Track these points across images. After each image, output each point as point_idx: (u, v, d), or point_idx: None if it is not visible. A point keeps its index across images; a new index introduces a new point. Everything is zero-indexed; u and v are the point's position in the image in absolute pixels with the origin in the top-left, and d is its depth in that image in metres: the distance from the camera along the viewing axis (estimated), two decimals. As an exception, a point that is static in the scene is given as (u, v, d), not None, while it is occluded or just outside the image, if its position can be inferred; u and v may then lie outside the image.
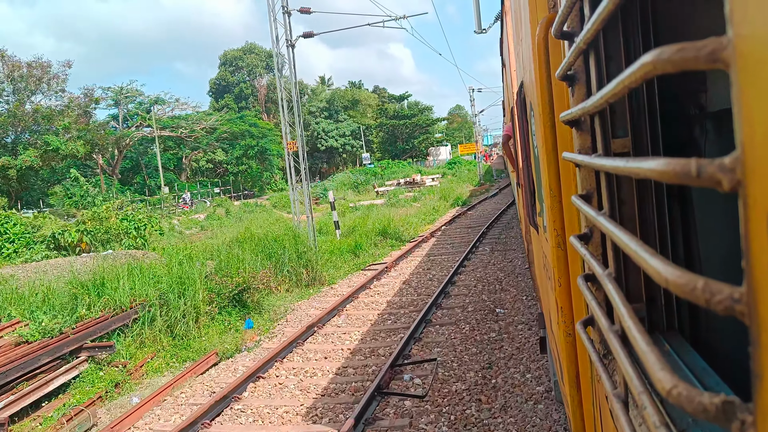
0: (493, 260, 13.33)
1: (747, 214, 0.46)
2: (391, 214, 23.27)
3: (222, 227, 30.67)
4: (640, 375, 0.84)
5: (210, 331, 9.43)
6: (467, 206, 27.41)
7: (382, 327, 8.97)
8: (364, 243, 16.41)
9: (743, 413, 0.47)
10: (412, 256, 15.24)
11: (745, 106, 0.46)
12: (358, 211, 27.20)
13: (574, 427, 2.11)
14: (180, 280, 9.76)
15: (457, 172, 52.56)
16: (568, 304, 2.05)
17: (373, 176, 50.96)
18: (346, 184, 47.96)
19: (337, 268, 14.17)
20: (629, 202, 1.28)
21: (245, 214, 35.95)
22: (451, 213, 25.57)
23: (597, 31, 0.96)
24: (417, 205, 28.87)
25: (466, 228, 19.49)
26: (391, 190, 39.17)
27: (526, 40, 2.83)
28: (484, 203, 28.53)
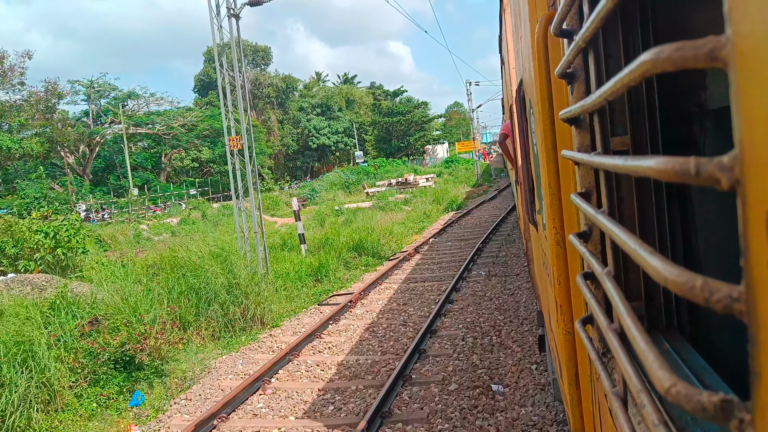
0: (489, 292, 10.21)
1: (745, 212, 0.46)
2: (375, 221, 20.87)
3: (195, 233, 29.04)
4: (639, 373, 0.84)
5: (72, 417, 6.29)
6: (462, 211, 24.46)
7: (316, 422, 5.81)
8: (332, 263, 13.09)
9: (742, 412, 0.47)
10: (387, 283, 11.99)
11: (743, 105, 0.46)
12: (342, 216, 24.74)
13: (573, 425, 2.11)
14: (23, 343, 6.49)
15: (454, 171, 50.18)
16: (567, 302, 2.05)
17: (366, 175, 48.86)
18: (336, 184, 45.72)
19: (290, 300, 10.90)
20: (628, 201, 1.28)
21: (223, 217, 33.91)
22: (444, 219, 22.48)
23: (596, 29, 0.96)
24: (407, 208, 26.54)
25: (459, 241, 16.46)
26: (382, 191, 37.03)
27: (525, 38, 2.82)
28: (481, 208, 25.39)
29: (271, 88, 66.99)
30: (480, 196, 31.67)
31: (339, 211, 27.44)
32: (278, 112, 68.28)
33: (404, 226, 20.00)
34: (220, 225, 31.14)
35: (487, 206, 25.81)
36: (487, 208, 24.72)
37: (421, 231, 20.02)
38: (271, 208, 38.33)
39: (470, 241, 15.89)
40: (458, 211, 25.09)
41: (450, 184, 38.82)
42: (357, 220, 21.54)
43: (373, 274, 12.86)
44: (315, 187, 44.97)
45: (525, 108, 3.51)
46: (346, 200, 36.24)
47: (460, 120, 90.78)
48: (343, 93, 74.68)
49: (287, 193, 45.91)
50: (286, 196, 43.22)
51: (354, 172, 50.86)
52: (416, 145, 70.69)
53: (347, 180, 46.40)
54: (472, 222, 20.77)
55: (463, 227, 19.59)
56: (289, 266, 12.74)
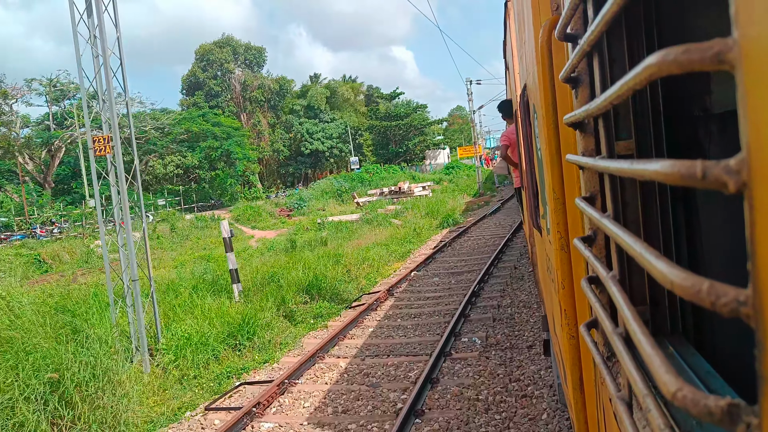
0: (485, 389, 6.06)
1: (753, 216, 0.46)
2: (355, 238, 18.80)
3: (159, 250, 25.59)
4: (645, 378, 0.84)
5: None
6: (459, 228, 20.57)
7: None
8: (268, 315, 9.07)
9: (749, 416, 0.47)
10: (333, 356, 7.85)
11: (750, 108, 0.46)
12: (323, 231, 22.55)
13: (577, 429, 2.10)
14: None
15: (455, 178, 46.77)
16: (572, 307, 2.05)
17: (360, 183, 45.88)
18: (328, 193, 42.48)
19: (166, 399, 6.68)
20: (633, 205, 1.27)
21: (195, 230, 31.12)
22: (436, 240, 18.72)
23: (601, 33, 0.96)
24: (397, 222, 23.30)
25: (449, 276, 12.22)
26: (373, 201, 34.21)
27: (529, 43, 2.83)
28: (481, 225, 21.33)
29: (260, 90, 63.25)
30: (481, 208, 28.40)
31: (321, 225, 25.20)
32: (270, 116, 64.91)
33: (386, 248, 16.58)
34: (188, 240, 28.66)
35: (488, 222, 21.96)
36: (489, 225, 20.78)
37: (405, 257, 16.00)
38: (252, 219, 36.10)
39: (464, 278, 11.81)
40: (454, 227, 21.50)
41: (448, 194, 35.73)
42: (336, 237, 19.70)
43: (320, 336, 8.85)
44: (303, 196, 41.94)
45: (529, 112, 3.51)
46: (336, 210, 34.09)
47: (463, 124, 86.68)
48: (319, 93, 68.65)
49: (272, 203, 43.08)
50: (270, 206, 40.70)
51: (348, 179, 47.83)
52: (415, 151, 67.20)
53: (339, 188, 43.44)
54: (468, 245, 16.51)
55: (458, 253, 15.40)
56: (199, 324, 8.25)
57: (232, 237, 10.58)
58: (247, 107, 63.87)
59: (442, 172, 52.96)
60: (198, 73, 63.69)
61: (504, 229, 18.81)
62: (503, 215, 23.78)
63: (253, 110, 63.68)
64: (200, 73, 63.63)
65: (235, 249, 23.56)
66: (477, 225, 21.23)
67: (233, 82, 64.34)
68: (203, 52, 64.37)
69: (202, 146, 47.36)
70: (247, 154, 49.68)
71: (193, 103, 60.71)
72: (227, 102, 63.20)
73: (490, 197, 33.75)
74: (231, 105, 63.00)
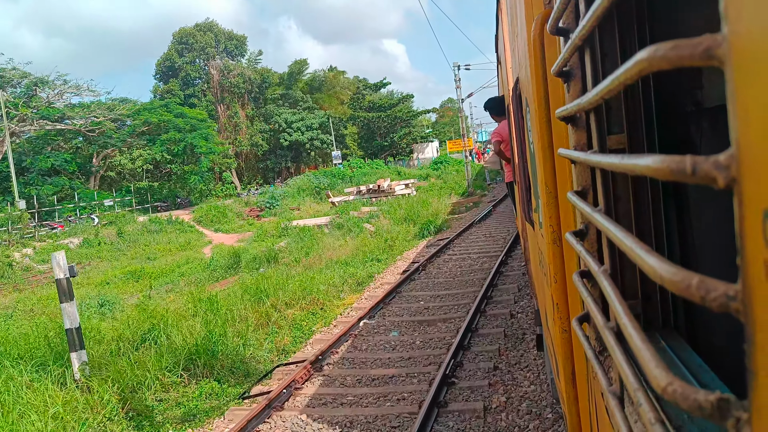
0: None
1: (742, 211, 0.46)
2: (302, 262, 14.92)
3: (96, 259, 23.20)
4: (636, 372, 0.84)
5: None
6: (441, 239, 16.52)
7: None
8: (108, 415, 5.82)
9: (739, 410, 0.47)
10: None
11: (740, 103, 0.46)
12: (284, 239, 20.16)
13: (570, 423, 2.11)
14: None
15: (443, 173, 42.53)
16: (564, 301, 2.05)
17: (341, 179, 42.15)
18: (305, 190, 38.62)
19: None
20: (625, 199, 1.28)
21: (148, 235, 27.89)
22: (408, 258, 14.45)
23: (592, 28, 0.96)
24: (370, 228, 20.15)
25: (413, 329, 8.27)
26: (350, 200, 31.05)
27: (521, 36, 2.82)
28: (468, 235, 16.81)
29: (240, 79, 58.29)
30: (469, 212, 24.07)
31: (285, 230, 22.71)
32: (250, 108, 60.25)
33: (344, 269, 12.94)
34: (136, 246, 25.77)
35: (477, 232, 17.26)
36: (477, 237, 16.28)
37: (363, 285, 11.62)
38: (216, 220, 33.03)
39: (435, 334, 7.87)
40: (435, 237, 17.86)
41: (434, 192, 31.54)
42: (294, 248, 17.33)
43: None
44: (275, 194, 38.15)
45: (521, 106, 3.51)
46: (312, 210, 31.39)
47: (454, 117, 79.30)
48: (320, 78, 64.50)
49: (243, 201, 39.45)
50: (239, 205, 37.60)
51: (327, 174, 44.01)
52: (401, 144, 61.61)
53: (318, 184, 39.46)
54: (449, 269, 11.95)
55: (432, 284, 10.79)
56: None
57: (72, 277, 6.48)
58: (225, 98, 59.33)
59: (430, 167, 48.65)
60: (174, 58, 58.36)
61: (496, 243, 14.46)
62: (495, 222, 19.19)
63: (232, 101, 59.28)
64: (177, 58, 58.38)
65: (178, 260, 22.64)
66: (463, 236, 16.76)
67: (211, 70, 59.66)
68: (182, 36, 59.21)
69: (163, 139, 42.22)
70: (212, 147, 44.74)
71: (167, 91, 56.05)
72: (204, 91, 58.92)
73: (480, 197, 29.72)
74: (208, 95, 58.70)
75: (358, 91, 63.33)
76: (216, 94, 59.05)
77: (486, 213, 21.47)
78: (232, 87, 58.44)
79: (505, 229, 16.80)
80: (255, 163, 60.79)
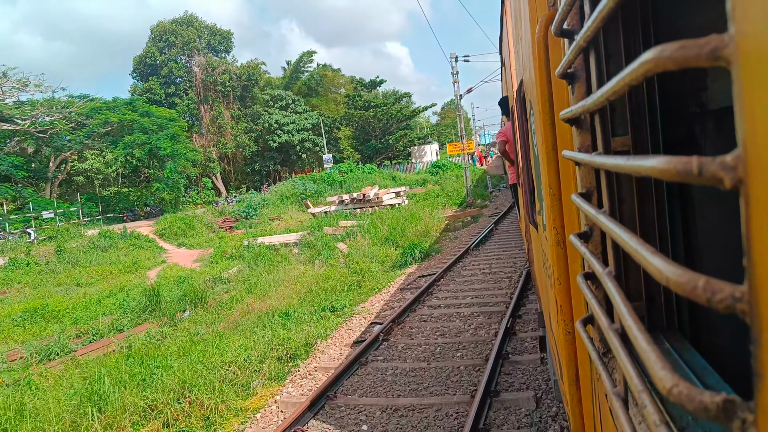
0: None
1: (748, 212, 0.46)
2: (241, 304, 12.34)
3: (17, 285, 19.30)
4: (640, 373, 0.84)
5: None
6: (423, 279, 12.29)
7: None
8: None
9: (744, 412, 0.47)
10: None
11: (746, 104, 0.46)
12: (236, 264, 17.81)
13: (573, 425, 2.11)
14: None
15: (442, 179, 38.83)
16: (568, 303, 2.05)
17: (329, 185, 38.52)
18: (288, 197, 35.07)
19: None
20: (629, 201, 1.27)
21: (94, 252, 23.78)
22: (375, 305, 10.62)
23: (597, 29, 0.95)
24: (343, 248, 17.30)
25: None
26: (331, 211, 27.69)
27: (525, 39, 2.82)
28: (461, 268, 12.74)
29: (226, 76, 54.25)
30: (467, 228, 19.90)
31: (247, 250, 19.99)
32: (236, 107, 56.25)
33: (275, 332, 8.81)
34: (75, 266, 21.68)
35: (473, 263, 13.12)
36: (474, 271, 12.18)
37: (289, 368, 7.53)
38: (181, 233, 29.03)
39: None
40: (420, 265, 14.36)
41: (428, 202, 27.89)
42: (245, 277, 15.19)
43: None
44: (253, 203, 34.04)
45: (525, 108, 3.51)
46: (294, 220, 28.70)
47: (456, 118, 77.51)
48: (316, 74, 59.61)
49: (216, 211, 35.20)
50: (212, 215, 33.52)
51: (315, 180, 40.24)
52: (397, 146, 56.63)
53: (304, 191, 35.81)
54: (423, 340, 7.87)
55: (393, 373, 6.80)
56: None
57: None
58: (209, 97, 54.96)
59: (428, 171, 45.10)
60: (155, 55, 54.01)
61: (499, 286, 10.36)
62: (497, 247, 14.84)
63: (215, 100, 54.91)
64: (157, 55, 54.06)
65: (112, 287, 18.05)
66: (454, 270, 12.55)
67: (193, 67, 54.98)
68: (161, 32, 54.44)
69: (126, 141, 36.80)
70: (180, 150, 39.40)
71: (146, 90, 52.07)
72: (186, 90, 54.43)
73: (480, 209, 25.24)
74: (191, 93, 54.24)
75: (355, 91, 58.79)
76: (199, 93, 54.99)
77: (487, 233, 17.28)
78: (217, 85, 54.73)
79: (510, 261, 12.50)
80: (243, 167, 57.13)
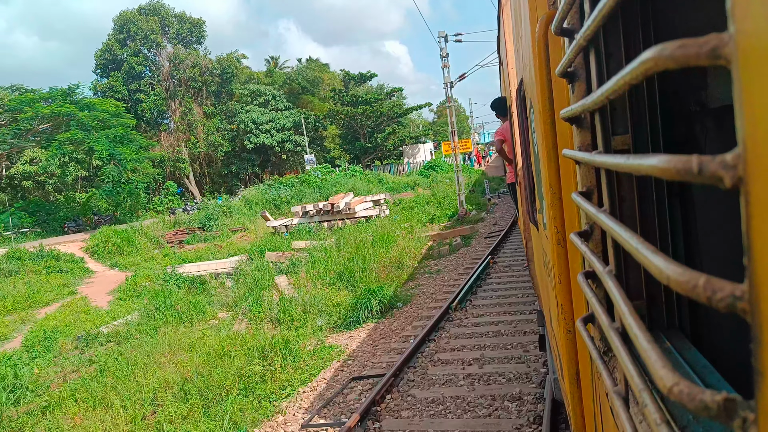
0: None
1: (749, 211, 0.46)
2: None
3: None
4: (641, 372, 0.84)
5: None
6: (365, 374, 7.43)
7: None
8: None
9: (745, 411, 0.47)
10: None
11: (746, 103, 0.46)
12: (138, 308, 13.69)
13: (574, 424, 2.11)
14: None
15: (435, 181, 34.31)
16: (568, 301, 2.05)
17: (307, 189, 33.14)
18: (258, 204, 30.53)
19: None
20: (630, 199, 1.27)
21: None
22: None
23: (597, 28, 0.95)
24: (283, 283, 13.25)
25: None
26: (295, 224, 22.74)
27: (525, 38, 2.82)
28: (436, 352, 7.69)
29: (196, 70, 49.94)
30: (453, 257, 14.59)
31: (170, 280, 15.95)
32: (210, 103, 51.81)
33: None
34: None
35: (458, 339, 8.13)
36: (453, 368, 7.04)
37: None
38: (118, 249, 23.96)
39: None
40: (377, 325, 10.17)
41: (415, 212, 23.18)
42: (127, 335, 11.54)
43: None
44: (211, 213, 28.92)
45: (525, 107, 3.51)
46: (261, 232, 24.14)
47: None
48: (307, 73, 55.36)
49: (168, 223, 29.76)
50: (160, 228, 28.20)
51: (292, 183, 35.27)
52: (387, 146, 51.04)
53: (276, 197, 31.05)
54: None
55: None
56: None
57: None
58: (179, 93, 50.23)
59: (420, 173, 40.34)
60: (116, 49, 48.95)
61: (500, 420, 5.54)
62: (499, 303, 9.80)
63: (185, 95, 50.32)
64: (118, 49, 48.99)
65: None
66: (420, 364, 7.45)
67: (161, 60, 50.43)
68: (123, 22, 49.48)
69: (61, 139, 31.68)
70: (116, 150, 33.31)
71: (108, 87, 47.52)
72: (153, 85, 49.80)
73: (474, 224, 19.70)
74: (158, 89, 49.57)
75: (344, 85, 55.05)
76: (168, 88, 50.46)
77: (480, 270, 11.66)
78: (188, 80, 50.43)
79: (518, 343, 7.58)
80: (220, 169, 52.64)
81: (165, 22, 51.11)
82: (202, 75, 51.02)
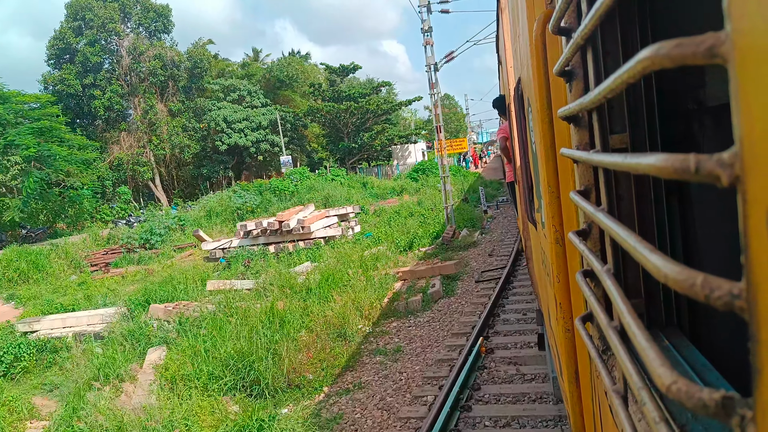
0: None
1: (746, 209, 0.46)
2: None
3: None
4: (640, 371, 0.84)
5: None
6: None
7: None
8: None
9: (743, 408, 0.47)
10: None
11: (743, 102, 0.46)
12: None
13: (573, 422, 2.11)
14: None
15: (424, 185, 29.74)
16: (567, 300, 2.05)
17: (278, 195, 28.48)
18: (219, 215, 25.62)
19: None
20: (628, 198, 1.28)
21: None
22: None
23: (594, 27, 0.95)
24: (155, 360, 8.23)
25: None
26: (233, 248, 17.79)
27: (523, 36, 2.82)
28: None
29: (157, 62, 44.66)
30: (425, 319, 9.52)
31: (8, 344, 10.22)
32: (177, 99, 46.84)
33: None
34: None
35: None
36: None
37: None
38: (22, 277, 18.28)
39: None
40: None
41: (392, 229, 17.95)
42: None
43: None
44: (154, 226, 23.42)
45: (523, 106, 3.51)
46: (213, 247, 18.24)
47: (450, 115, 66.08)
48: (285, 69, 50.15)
49: (101, 240, 24.02)
50: (88, 246, 22.91)
51: (261, 189, 29.87)
52: (373, 145, 45.31)
53: (241, 206, 25.77)
54: None
55: None
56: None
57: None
58: (140, 88, 45.21)
59: (409, 175, 35.44)
60: (69, 37, 43.15)
61: None
62: None
63: (148, 91, 45.48)
64: (72, 38, 43.17)
65: None
66: None
67: (121, 51, 44.76)
68: (77, 9, 43.60)
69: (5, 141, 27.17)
70: (51, 149, 28.57)
71: (59, 80, 42.43)
72: (110, 79, 44.36)
73: (464, 251, 14.53)
74: (115, 84, 44.14)
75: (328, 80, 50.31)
76: (130, 83, 45.42)
77: (467, 369, 6.64)
78: (150, 74, 45.34)
79: None
80: (190, 172, 47.77)
81: (126, 9, 45.76)
82: (167, 68, 45.93)
